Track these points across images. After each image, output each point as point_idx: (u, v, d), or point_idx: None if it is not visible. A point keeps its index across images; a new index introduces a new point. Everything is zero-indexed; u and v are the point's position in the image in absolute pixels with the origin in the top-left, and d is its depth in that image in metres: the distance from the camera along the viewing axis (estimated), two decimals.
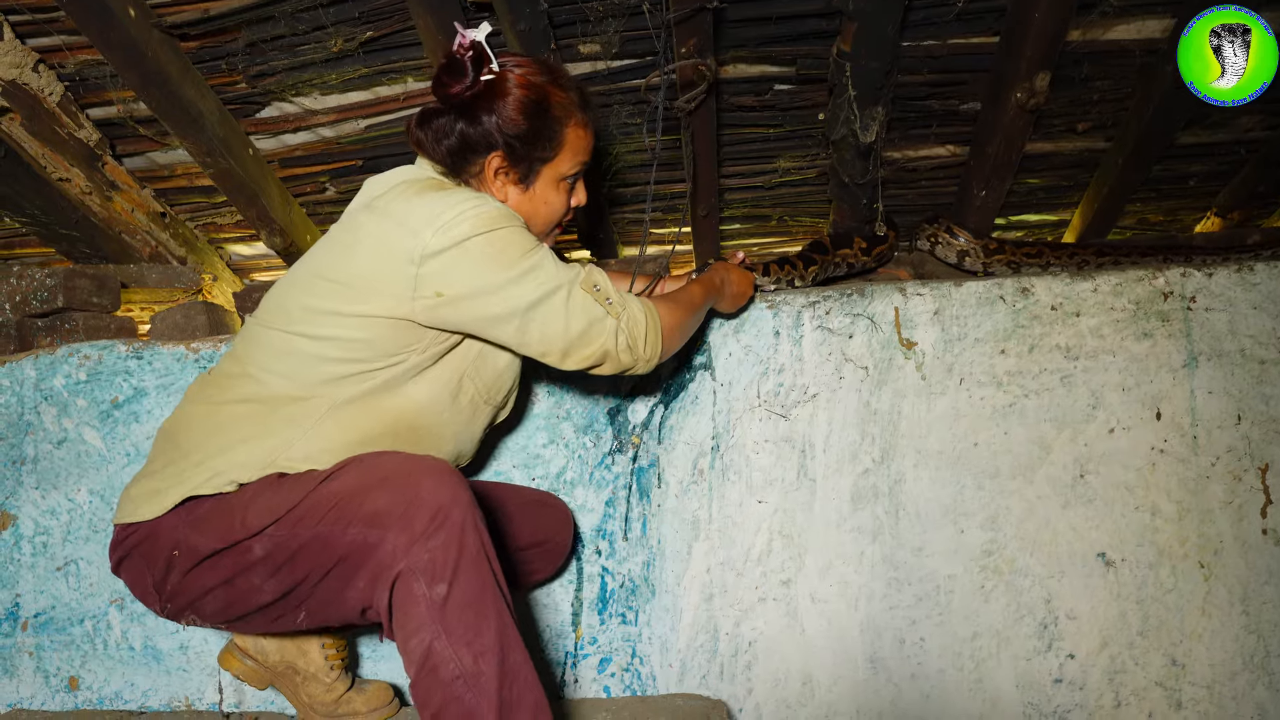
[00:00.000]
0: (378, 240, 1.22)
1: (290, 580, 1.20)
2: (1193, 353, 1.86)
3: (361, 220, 1.26)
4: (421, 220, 1.20)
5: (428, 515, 1.11)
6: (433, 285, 1.20)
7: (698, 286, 1.50)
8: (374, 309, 1.22)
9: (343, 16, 1.60)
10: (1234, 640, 1.80)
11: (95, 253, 2.20)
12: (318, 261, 1.29)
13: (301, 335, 1.25)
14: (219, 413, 1.27)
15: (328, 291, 1.24)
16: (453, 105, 1.28)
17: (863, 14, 1.48)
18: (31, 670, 1.81)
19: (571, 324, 1.24)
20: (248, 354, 1.30)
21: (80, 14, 1.49)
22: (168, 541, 1.23)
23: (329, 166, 2.04)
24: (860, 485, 1.83)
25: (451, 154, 1.31)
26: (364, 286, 1.22)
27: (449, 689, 1.09)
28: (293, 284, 1.30)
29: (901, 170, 2.13)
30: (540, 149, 1.32)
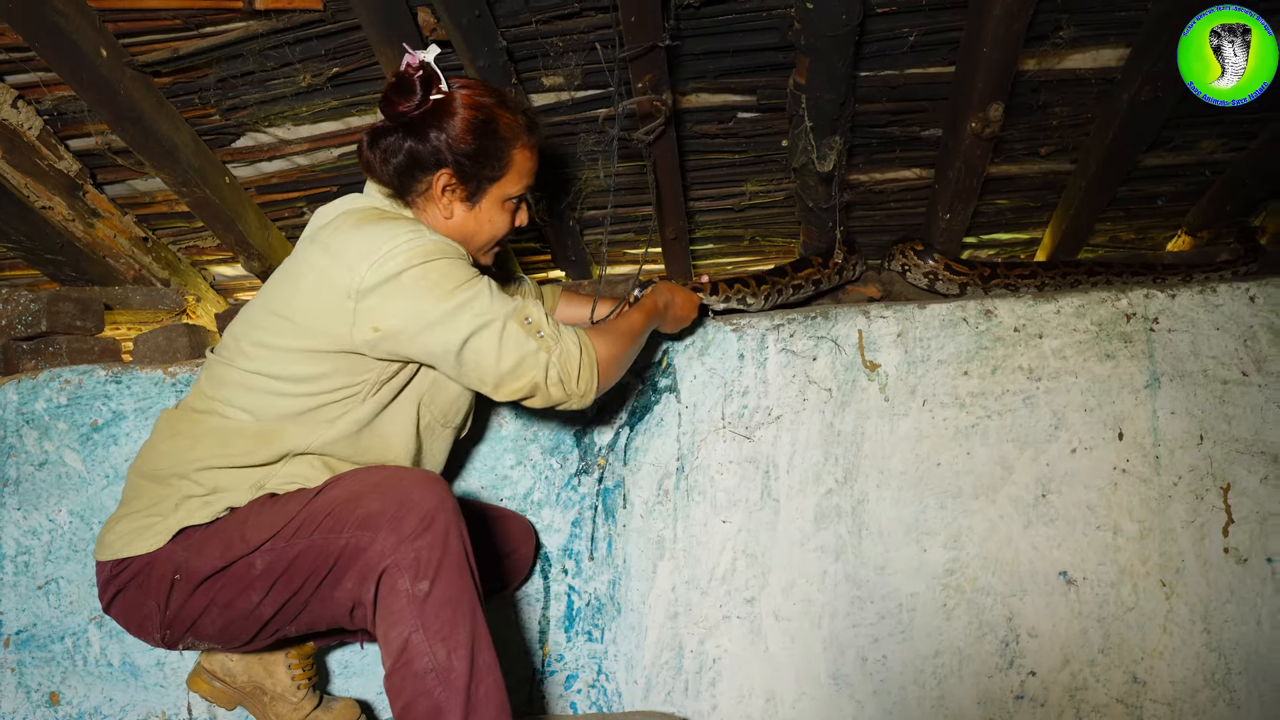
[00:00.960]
0: (319, 275, 1.25)
1: (287, 591, 1.24)
2: (1155, 373, 1.88)
3: (304, 253, 1.29)
4: (357, 254, 1.23)
5: (416, 518, 1.17)
6: (370, 320, 1.23)
7: (638, 313, 1.52)
8: (320, 344, 1.26)
9: (309, 54, 1.65)
10: (1195, 658, 1.82)
11: (80, 275, 2.25)
12: (269, 296, 1.32)
13: (258, 373, 1.29)
14: (196, 447, 1.31)
15: (277, 327, 1.28)
16: (401, 124, 1.31)
17: (815, 49, 1.51)
18: (13, 686, 1.86)
19: (503, 358, 1.25)
20: (213, 390, 1.34)
21: (52, 54, 1.54)
22: (166, 569, 1.26)
23: (306, 193, 2.09)
24: (823, 505, 1.85)
25: (399, 172, 1.33)
26: (308, 322, 1.26)
27: (421, 681, 1.14)
28: (247, 319, 1.34)
29: (869, 193, 2.16)
30: (488, 168, 1.34)
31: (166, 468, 1.31)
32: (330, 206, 1.38)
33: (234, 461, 1.29)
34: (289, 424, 1.30)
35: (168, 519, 1.28)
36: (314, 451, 1.32)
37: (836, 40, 1.49)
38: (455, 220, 1.37)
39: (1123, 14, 1.66)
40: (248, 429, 1.30)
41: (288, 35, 1.59)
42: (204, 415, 1.33)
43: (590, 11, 1.58)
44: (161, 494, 1.30)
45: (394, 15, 1.52)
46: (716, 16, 1.61)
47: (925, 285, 2.18)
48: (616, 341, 1.39)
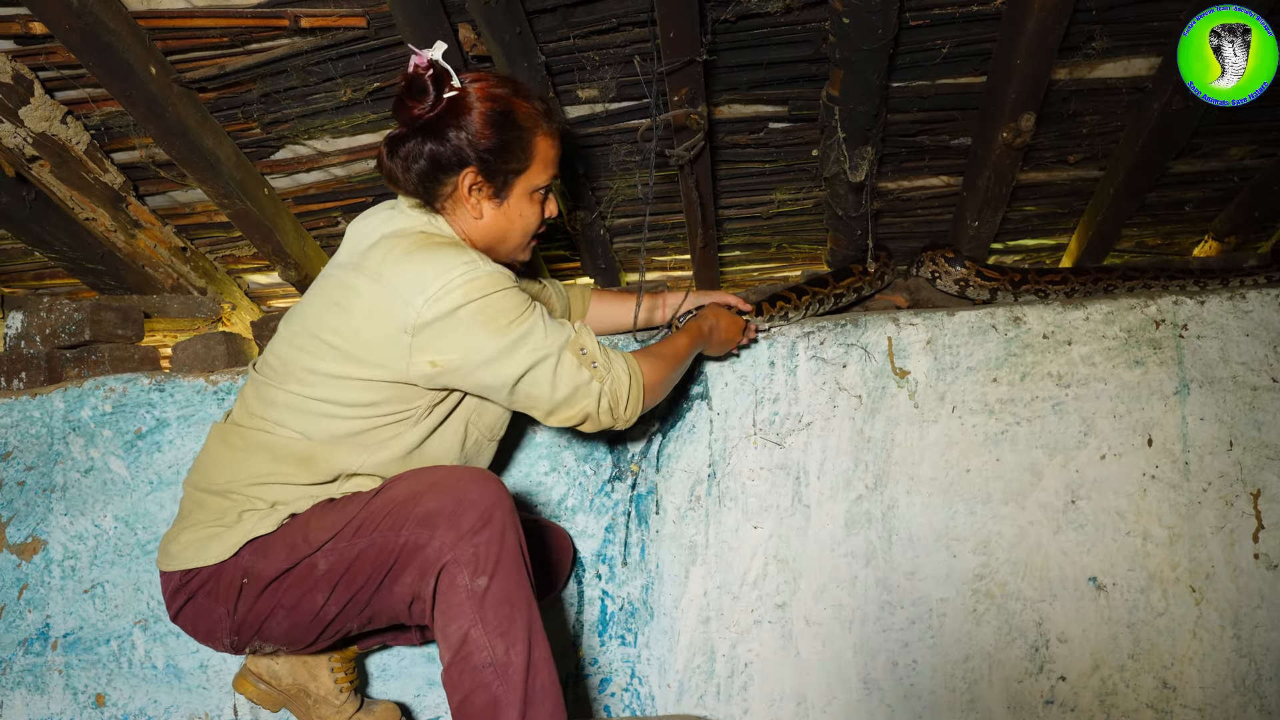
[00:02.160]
0: (370, 306, 1.25)
1: (350, 590, 1.27)
2: (1184, 380, 1.89)
3: (353, 281, 1.28)
4: (411, 288, 1.22)
5: (475, 515, 1.20)
6: (427, 355, 1.24)
7: (684, 336, 1.53)
8: (375, 374, 1.27)
9: (351, 69, 1.68)
10: (1225, 664, 1.83)
11: (120, 284, 2.30)
12: (314, 320, 1.31)
13: (311, 398, 1.30)
14: (249, 463, 1.32)
15: (328, 355, 1.28)
16: (418, 127, 1.27)
17: (849, 62, 1.53)
18: (61, 688, 1.90)
19: (558, 390, 1.28)
20: (262, 410, 1.34)
21: (104, 72, 1.58)
22: (234, 574, 1.29)
23: (342, 203, 2.12)
24: (854, 511, 1.87)
25: (422, 178, 1.29)
26: (361, 353, 1.26)
27: (479, 675, 1.17)
28: (292, 342, 1.33)
29: (897, 200, 2.17)
30: (512, 160, 1.31)
31: (224, 482, 1.33)
32: (366, 224, 1.36)
33: (289, 479, 1.32)
34: (342, 445, 1.32)
35: (232, 530, 1.30)
36: (366, 473, 1.34)
37: (871, 54, 1.51)
38: (486, 220, 1.34)
39: (1155, 24, 1.67)
40: (298, 448, 1.31)
41: (331, 51, 1.62)
42: (254, 432, 1.34)
43: (628, 26, 1.61)
44: (223, 507, 1.32)
45: (436, 31, 1.56)
46: (752, 30, 1.63)
47: (956, 291, 2.19)
48: (662, 365, 1.41)
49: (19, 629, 1.91)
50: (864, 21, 1.45)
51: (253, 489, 1.32)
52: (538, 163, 1.34)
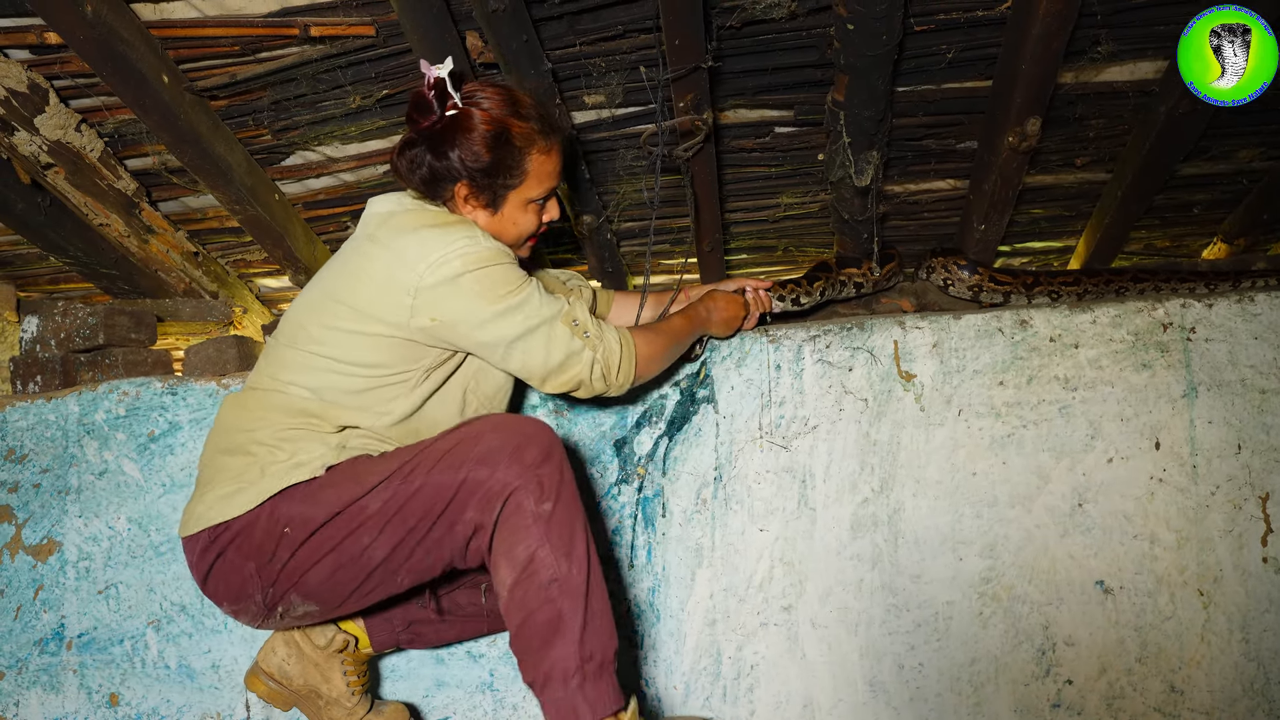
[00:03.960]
0: (381, 271, 1.35)
1: (400, 530, 1.28)
2: (1192, 383, 1.88)
3: (367, 249, 1.39)
4: (417, 255, 1.33)
5: (537, 449, 1.28)
6: (427, 313, 1.34)
7: (680, 317, 1.63)
8: (379, 329, 1.36)
9: (360, 76, 1.70)
10: (1234, 667, 1.82)
11: (133, 288, 2.33)
12: (330, 284, 1.41)
13: (320, 355, 1.38)
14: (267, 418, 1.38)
15: (340, 313, 1.37)
16: (423, 138, 1.39)
17: (854, 68, 1.54)
18: (75, 687, 1.93)
19: (551, 355, 1.38)
20: (275, 371, 1.41)
21: (118, 81, 1.60)
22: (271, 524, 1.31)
23: (351, 208, 2.15)
24: (860, 514, 1.88)
25: (424, 182, 1.42)
26: (370, 310, 1.36)
27: (546, 591, 1.25)
28: (310, 306, 1.42)
29: (904, 203, 2.18)
30: (504, 177, 1.41)
31: (242, 441, 1.38)
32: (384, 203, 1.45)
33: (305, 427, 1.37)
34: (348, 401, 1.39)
35: (258, 483, 1.33)
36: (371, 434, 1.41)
37: (876, 59, 1.52)
38: (481, 223, 1.44)
39: (1161, 28, 1.67)
40: (310, 405, 1.38)
41: (340, 59, 1.64)
42: (267, 393, 1.40)
43: (633, 34, 1.62)
44: (243, 464, 1.36)
45: (443, 39, 1.57)
46: (757, 36, 1.64)
47: (970, 297, 2.19)
48: (656, 339, 1.51)
49: (35, 629, 1.94)
50: (868, 27, 1.45)
51: (273, 444, 1.36)
52: (531, 178, 1.43)
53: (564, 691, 1.24)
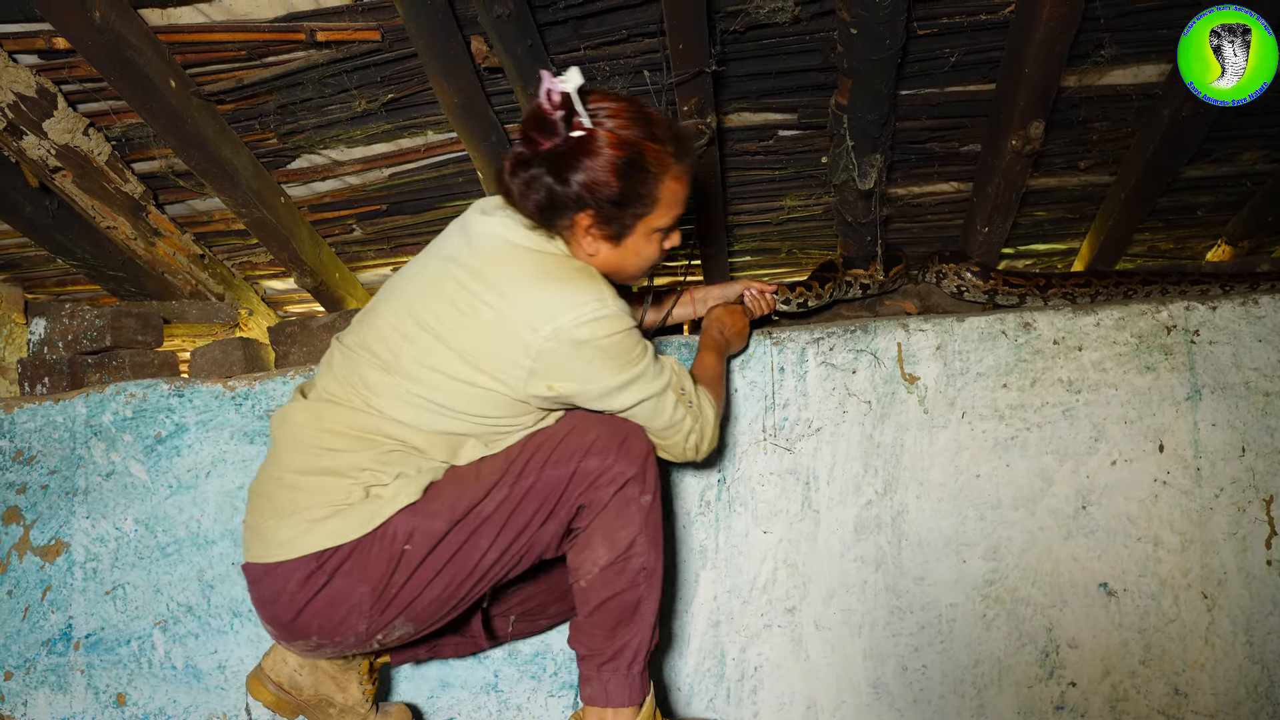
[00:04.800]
0: (495, 324, 1.24)
1: (514, 531, 1.30)
2: (1196, 385, 1.88)
3: (476, 290, 1.26)
4: (540, 317, 1.22)
5: (641, 444, 1.34)
6: (545, 379, 1.26)
7: (712, 356, 1.60)
8: (490, 385, 1.27)
9: (365, 80, 1.71)
10: (1238, 670, 1.82)
11: (139, 290, 2.34)
12: (427, 312, 1.28)
13: (421, 396, 1.28)
14: (368, 441, 1.29)
15: (441, 355, 1.26)
16: (542, 159, 1.23)
17: (857, 72, 1.54)
18: (83, 688, 1.94)
19: (654, 423, 1.36)
20: (365, 392, 1.30)
21: (125, 86, 1.62)
22: (389, 543, 1.25)
23: (355, 211, 2.15)
24: (863, 516, 1.88)
25: (540, 208, 1.26)
26: (479, 362, 1.26)
27: (634, 577, 1.32)
28: (399, 330, 1.29)
29: (907, 206, 2.18)
30: (635, 206, 1.26)
31: (337, 463, 1.28)
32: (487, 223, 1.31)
33: (406, 450, 1.30)
34: (452, 439, 1.33)
35: (364, 504, 1.26)
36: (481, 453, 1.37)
37: (879, 63, 1.52)
38: (601, 258, 1.31)
39: (1164, 32, 1.67)
40: (415, 439, 1.30)
41: (346, 64, 1.65)
42: (359, 413, 1.29)
43: (638, 38, 1.63)
44: (341, 485, 1.27)
45: (448, 44, 1.58)
46: (760, 40, 1.65)
47: (985, 301, 2.20)
48: (720, 390, 1.54)
49: (42, 629, 1.95)
50: (872, 31, 1.46)
51: (376, 467, 1.28)
52: (662, 206, 1.29)
53: (626, 672, 1.35)
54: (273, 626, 1.35)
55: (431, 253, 1.36)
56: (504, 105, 1.84)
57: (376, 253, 2.38)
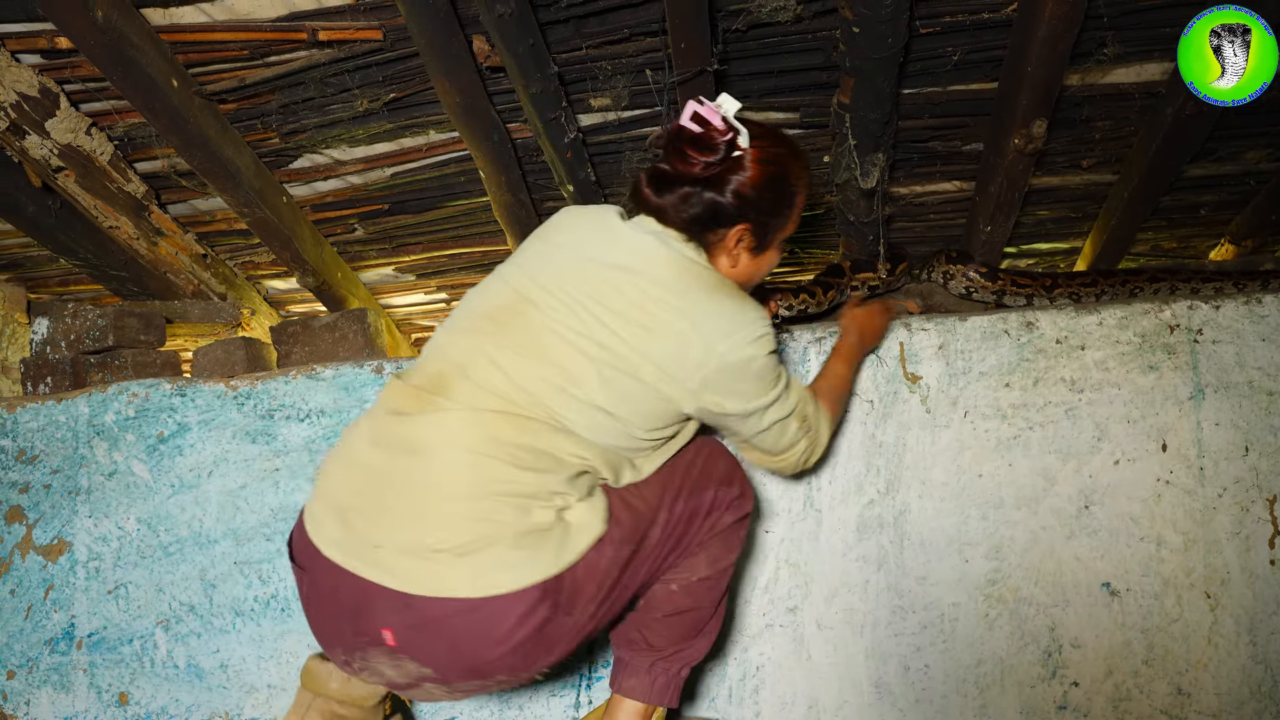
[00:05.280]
0: (685, 334, 1.26)
1: (661, 555, 1.34)
2: (1199, 385, 1.88)
3: (664, 301, 1.26)
4: (719, 331, 1.26)
5: (745, 472, 1.45)
6: (713, 393, 1.29)
7: (844, 366, 1.64)
8: (669, 395, 1.28)
9: (367, 80, 1.71)
10: (1241, 670, 1.82)
11: (142, 290, 2.35)
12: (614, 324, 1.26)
13: (604, 410, 1.26)
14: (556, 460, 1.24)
15: (631, 367, 1.25)
16: (696, 178, 1.29)
17: (860, 71, 1.54)
18: (85, 687, 1.94)
19: (778, 445, 1.41)
20: (547, 398, 1.24)
21: (127, 85, 1.62)
22: (594, 569, 1.23)
23: (357, 210, 2.15)
24: (865, 515, 1.88)
25: (694, 221, 1.31)
26: (667, 371, 1.26)
27: (717, 596, 1.42)
28: (570, 340, 1.25)
29: (910, 205, 2.18)
30: (780, 218, 1.35)
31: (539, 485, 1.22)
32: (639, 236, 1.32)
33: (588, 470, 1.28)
34: (619, 457, 1.31)
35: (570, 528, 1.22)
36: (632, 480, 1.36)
37: (881, 62, 1.52)
38: (739, 268, 1.38)
39: (1167, 30, 1.67)
40: (590, 455, 1.27)
41: (348, 63, 1.65)
42: (544, 427, 1.24)
43: (639, 36, 1.63)
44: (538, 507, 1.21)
45: (450, 43, 1.58)
46: (763, 39, 1.65)
47: (994, 301, 2.20)
48: (839, 408, 1.58)
49: (45, 628, 1.96)
50: (874, 30, 1.46)
51: (565, 490, 1.24)
52: (794, 218, 1.39)
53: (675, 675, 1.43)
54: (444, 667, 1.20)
55: (580, 256, 1.32)
56: (506, 104, 1.84)
57: (378, 252, 2.39)
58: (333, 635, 1.26)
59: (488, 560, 1.16)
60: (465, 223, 2.32)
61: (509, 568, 1.16)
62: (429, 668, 1.20)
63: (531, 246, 1.37)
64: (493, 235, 2.35)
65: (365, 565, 1.17)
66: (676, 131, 1.30)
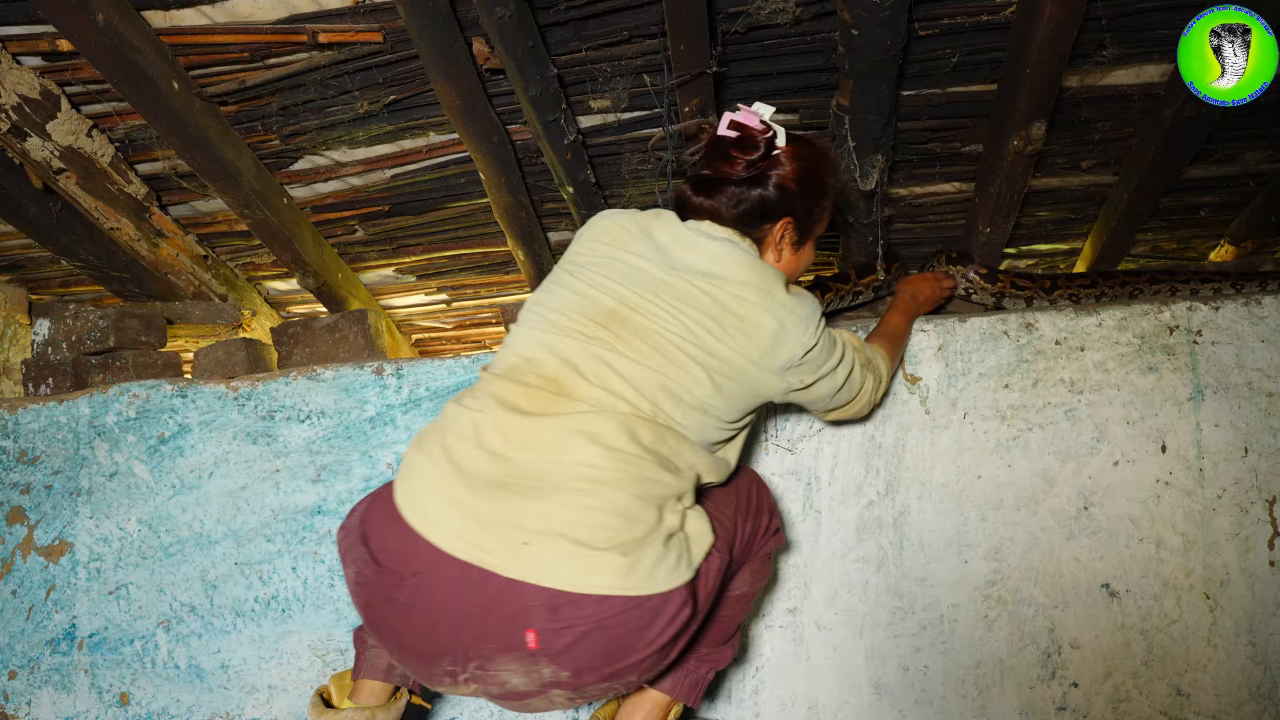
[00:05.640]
0: (768, 335, 1.33)
1: (738, 564, 1.43)
2: (1199, 386, 1.88)
3: (748, 297, 1.32)
4: (798, 323, 1.35)
5: None
6: (796, 375, 1.38)
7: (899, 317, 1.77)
8: (754, 386, 1.36)
9: (368, 82, 1.71)
10: (1240, 671, 1.82)
11: (143, 291, 2.35)
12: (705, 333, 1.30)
13: (703, 409, 1.30)
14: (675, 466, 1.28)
15: (723, 371, 1.31)
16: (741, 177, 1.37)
17: (859, 73, 1.54)
18: (86, 687, 1.95)
19: (852, 392, 1.50)
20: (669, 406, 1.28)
21: (129, 88, 1.62)
22: (708, 576, 1.27)
23: (358, 211, 2.16)
24: (865, 517, 1.88)
25: (747, 216, 1.39)
26: (751, 369, 1.33)
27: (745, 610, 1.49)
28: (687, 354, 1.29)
29: (909, 206, 2.18)
30: (817, 212, 1.45)
31: (670, 489, 1.25)
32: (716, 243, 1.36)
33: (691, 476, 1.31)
34: (711, 459, 1.35)
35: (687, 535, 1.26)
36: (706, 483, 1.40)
37: (880, 64, 1.52)
38: (783, 262, 1.45)
39: (1165, 32, 1.67)
40: (695, 457, 1.31)
41: (348, 65, 1.66)
42: (668, 432, 1.28)
43: (639, 39, 1.63)
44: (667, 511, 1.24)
45: (450, 45, 1.59)
46: (762, 42, 1.65)
47: (993, 303, 2.20)
48: (895, 353, 1.70)
49: (46, 629, 1.96)
50: (873, 32, 1.46)
51: (684, 493, 1.28)
52: (827, 215, 1.48)
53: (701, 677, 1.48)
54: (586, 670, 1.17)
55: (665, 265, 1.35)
56: (505, 106, 1.85)
57: (379, 253, 2.39)
58: (443, 644, 1.18)
59: (647, 559, 1.16)
60: (465, 224, 2.33)
61: (665, 566, 1.17)
62: (567, 671, 1.16)
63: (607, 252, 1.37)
64: (492, 236, 2.36)
65: (514, 564, 1.13)
66: (717, 140, 1.39)
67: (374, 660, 1.44)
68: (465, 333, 3.05)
